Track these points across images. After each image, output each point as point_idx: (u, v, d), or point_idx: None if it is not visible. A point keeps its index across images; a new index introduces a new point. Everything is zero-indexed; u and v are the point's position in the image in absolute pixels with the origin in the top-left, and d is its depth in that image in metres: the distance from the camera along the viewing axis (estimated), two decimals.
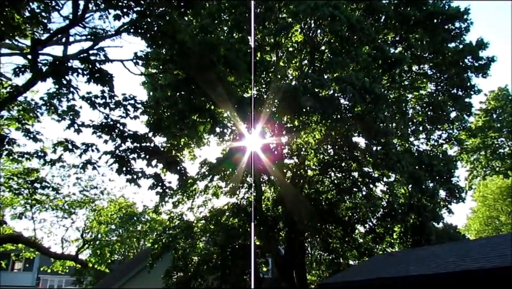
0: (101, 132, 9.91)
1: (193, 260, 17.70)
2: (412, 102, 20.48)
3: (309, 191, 18.57)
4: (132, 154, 9.60)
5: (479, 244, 12.96)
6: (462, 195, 19.56)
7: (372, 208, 17.62)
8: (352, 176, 18.29)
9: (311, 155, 18.72)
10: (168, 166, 9.76)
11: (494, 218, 30.36)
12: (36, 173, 14.84)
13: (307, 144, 18.49)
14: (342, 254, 20.49)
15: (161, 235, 18.35)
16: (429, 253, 13.34)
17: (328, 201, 18.86)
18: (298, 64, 18.93)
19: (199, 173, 19.22)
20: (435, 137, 20.79)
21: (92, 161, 9.55)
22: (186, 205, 19.95)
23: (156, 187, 9.88)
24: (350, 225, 18.92)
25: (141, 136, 9.84)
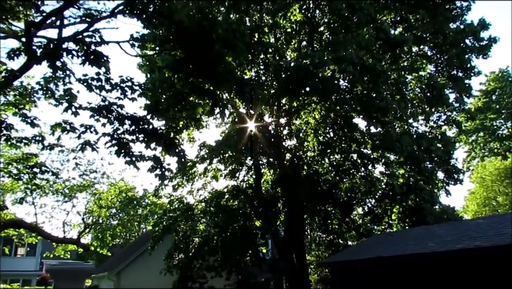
0: (98, 115, 9.87)
1: (194, 241, 17.85)
2: (411, 83, 20.38)
3: (308, 172, 18.61)
4: (131, 136, 9.57)
5: (477, 223, 13.06)
6: (459, 177, 19.66)
7: (371, 189, 17.70)
8: (351, 157, 18.33)
9: (310, 136, 18.72)
10: (167, 148, 9.75)
11: (491, 199, 30.53)
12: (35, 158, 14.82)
13: (306, 125, 18.48)
14: (341, 234, 20.67)
15: (162, 218, 18.47)
16: (427, 232, 13.45)
17: (328, 183, 18.94)
18: (297, 45, 18.78)
19: (198, 155, 19.27)
20: (434, 119, 20.77)
21: (91, 143, 9.51)
22: (186, 188, 20.08)
23: (155, 170, 9.88)
24: (348, 206, 19.05)
25: (139, 118, 9.80)
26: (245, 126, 18.65)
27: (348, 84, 17.14)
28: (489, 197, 29.98)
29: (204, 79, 9.46)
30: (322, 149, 18.46)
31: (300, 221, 19.61)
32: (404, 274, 11.18)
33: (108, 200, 21.23)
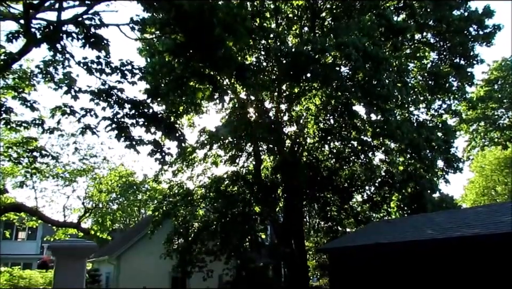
0: (98, 98, 9.81)
1: (194, 226, 17.96)
2: (413, 71, 20.26)
3: (308, 158, 18.63)
4: (131, 120, 9.54)
5: (476, 211, 13.11)
6: (459, 166, 19.68)
7: (371, 176, 17.72)
8: (351, 145, 18.32)
9: (311, 122, 18.68)
10: (167, 132, 9.72)
11: (490, 188, 30.59)
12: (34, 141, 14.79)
13: (307, 111, 18.43)
14: (340, 221, 20.78)
15: (162, 203, 18.55)
16: (425, 219, 13.51)
17: (327, 169, 18.97)
18: (298, 31, 18.64)
19: (198, 141, 19.26)
20: (435, 107, 20.70)
21: (91, 127, 9.48)
22: (186, 173, 20.12)
23: (155, 154, 9.87)
24: (348, 193, 19.10)
25: (139, 102, 9.74)
26: (245, 112, 18.61)
27: (349, 71, 17.05)
28: (488, 186, 30.03)
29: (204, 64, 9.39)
30: (323, 136, 18.44)
31: (299, 207, 19.70)
32: (402, 261, 11.26)
33: (108, 185, 21.27)
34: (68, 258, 2.44)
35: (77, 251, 2.45)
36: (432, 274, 10.22)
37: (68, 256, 2.45)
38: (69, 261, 2.42)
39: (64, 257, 2.45)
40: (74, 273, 2.44)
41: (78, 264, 2.42)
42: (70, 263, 2.42)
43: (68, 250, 2.47)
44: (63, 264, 2.42)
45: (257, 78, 10.74)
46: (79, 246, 2.67)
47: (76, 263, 2.41)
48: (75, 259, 2.42)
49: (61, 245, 2.46)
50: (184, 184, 19.59)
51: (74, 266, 2.42)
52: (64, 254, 2.45)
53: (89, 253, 2.55)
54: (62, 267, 2.43)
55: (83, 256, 2.46)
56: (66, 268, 2.43)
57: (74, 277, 2.42)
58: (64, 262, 2.43)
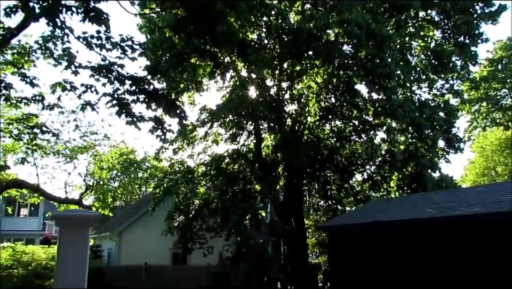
0: (98, 74, 9.73)
1: (194, 203, 18.08)
2: (416, 49, 20.03)
3: (308, 137, 18.61)
4: (131, 97, 9.47)
5: (476, 191, 13.16)
6: (460, 146, 19.66)
7: (372, 154, 17.71)
8: (352, 123, 18.28)
9: (312, 101, 18.58)
10: (168, 109, 9.66)
11: (491, 169, 30.66)
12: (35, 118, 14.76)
13: (308, 89, 18.31)
14: (339, 200, 20.92)
15: (163, 180, 18.63)
16: (425, 198, 13.57)
17: (328, 148, 18.97)
18: (300, 7, 18.34)
19: (199, 119, 19.21)
20: (437, 87, 20.54)
21: (91, 103, 9.42)
22: (187, 152, 20.15)
23: (156, 131, 9.83)
24: (348, 172, 19.15)
25: (139, 78, 9.65)
26: (246, 90, 18.49)
27: (351, 49, 16.87)
28: (489, 167, 30.11)
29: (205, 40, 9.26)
30: (324, 114, 18.38)
31: (299, 185, 19.80)
32: (401, 239, 11.35)
33: (108, 162, 21.34)
34: (71, 227, 2.44)
35: (81, 221, 2.45)
36: (431, 253, 10.33)
37: (72, 225, 2.45)
38: (73, 230, 2.42)
39: (67, 226, 2.45)
40: (78, 242, 2.45)
41: (82, 233, 2.43)
42: (73, 232, 2.42)
43: (71, 219, 2.47)
44: (67, 233, 2.42)
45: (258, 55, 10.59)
46: (83, 215, 2.67)
47: (80, 232, 2.41)
48: (79, 228, 2.42)
49: (65, 214, 2.46)
50: (185, 162, 19.65)
51: (78, 236, 2.42)
52: (68, 223, 2.44)
53: (92, 223, 2.55)
54: (65, 237, 2.43)
55: (87, 225, 2.46)
56: (70, 237, 2.43)
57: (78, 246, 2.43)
58: (67, 231, 2.43)
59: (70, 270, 2.48)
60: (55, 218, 2.49)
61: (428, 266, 10.26)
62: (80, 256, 2.49)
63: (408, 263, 10.85)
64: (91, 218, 2.55)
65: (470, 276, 9.27)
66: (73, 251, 2.48)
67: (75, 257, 2.47)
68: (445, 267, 9.85)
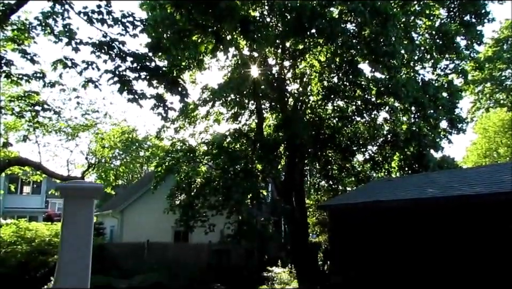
0: (99, 51, 9.63)
1: (196, 182, 18.16)
2: (421, 28, 19.74)
3: (310, 117, 18.54)
4: (133, 74, 9.39)
5: (478, 171, 13.17)
6: (463, 127, 19.59)
7: (374, 134, 17.66)
8: (355, 103, 18.19)
9: (314, 80, 18.44)
10: (169, 86, 9.59)
11: (493, 150, 30.63)
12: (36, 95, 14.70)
13: (311, 68, 18.15)
14: (340, 180, 20.98)
15: (164, 159, 18.67)
16: (427, 179, 13.59)
17: (330, 128, 18.93)
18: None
19: (200, 98, 19.13)
20: (441, 67, 20.32)
21: (93, 80, 9.35)
22: (188, 131, 20.14)
23: (157, 108, 9.79)
24: (350, 152, 19.14)
25: (141, 55, 9.56)
26: (248, 68, 18.34)
27: (355, 28, 16.66)
28: (491, 148, 30.07)
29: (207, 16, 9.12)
30: (326, 94, 18.26)
31: (301, 165, 19.84)
32: (401, 219, 11.41)
33: (110, 141, 21.36)
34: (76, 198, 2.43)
35: (85, 192, 2.44)
36: (432, 233, 10.39)
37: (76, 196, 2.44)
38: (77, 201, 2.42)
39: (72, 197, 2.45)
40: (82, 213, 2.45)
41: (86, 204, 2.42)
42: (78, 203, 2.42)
43: (75, 190, 2.46)
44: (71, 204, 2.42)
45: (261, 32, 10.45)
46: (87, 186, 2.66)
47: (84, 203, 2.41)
48: (83, 199, 2.42)
49: (69, 185, 2.46)
50: (186, 141, 19.67)
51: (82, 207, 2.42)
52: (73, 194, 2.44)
53: (96, 194, 2.54)
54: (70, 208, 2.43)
55: (91, 196, 2.46)
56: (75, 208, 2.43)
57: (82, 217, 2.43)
58: (72, 202, 2.43)
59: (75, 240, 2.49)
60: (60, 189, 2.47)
61: (428, 246, 10.34)
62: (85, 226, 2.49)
63: (408, 243, 10.93)
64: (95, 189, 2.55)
65: (471, 256, 9.35)
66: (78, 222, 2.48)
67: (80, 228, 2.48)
68: (446, 247, 9.93)
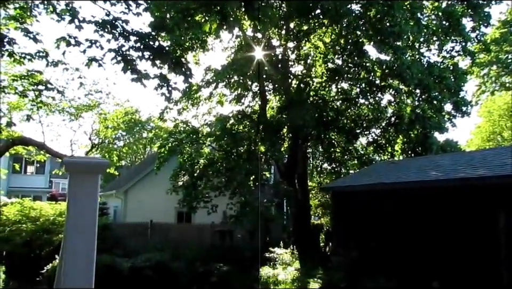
0: (102, 30, 9.54)
1: (199, 163, 18.22)
2: (427, 9, 19.42)
3: (314, 99, 18.45)
4: (136, 53, 9.31)
5: (482, 154, 13.13)
6: (467, 110, 19.46)
7: (378, 116, 17.56)
8: (359, 85, 18.05)
9: (319, 61, 18.28)
10: (173, 66, 9.52)
11: (497, 134, 30.51)
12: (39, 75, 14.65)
13: (315, 49, 17.97)
14: (343, 163, 20.99)
15: (168, 140, 18.69)
16: (430, 161, 13.59)
17: (334, 110, 18.84)
18: None
19: (203, 79, 19.04)
20: (447, 49, 20.08)
21: (96, 59, 9.29)
22: (191, 112, 20.11)
23: (161, 88, 9.73)
24: (353, 134, 19.09)
25: (144, 34, 9.46)
26: (251, 50, 18.19)
27: (360, 8, 16.43)
28: (495, 132, 29.96)
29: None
30: (331, 76, 18.13)
31: (304, 147, 19.84)
32: (404, 201, 11.45)
33: (113, 121, 21.35)
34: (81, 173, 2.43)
35: (91, 167, 2.43)
36: (435, 215, 10.43)
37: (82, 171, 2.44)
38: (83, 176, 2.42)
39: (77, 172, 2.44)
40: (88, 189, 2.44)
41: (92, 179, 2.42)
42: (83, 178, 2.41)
43: (81, 165, 2.45)
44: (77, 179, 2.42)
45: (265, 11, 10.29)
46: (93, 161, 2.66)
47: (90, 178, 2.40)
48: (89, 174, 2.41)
49: (75, 159, 2.45)
50: (189, 123, 19.66)
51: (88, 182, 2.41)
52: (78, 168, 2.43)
53: (102, 169, 2.54)
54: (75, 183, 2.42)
55: (97, 171, 2.45)
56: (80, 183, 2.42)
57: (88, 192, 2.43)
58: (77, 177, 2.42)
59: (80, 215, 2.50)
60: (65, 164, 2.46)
61: (431, 229, 10.39)
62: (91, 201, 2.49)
63: (410, 225, 10.99)
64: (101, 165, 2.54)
65: (473, 238, 9.40)
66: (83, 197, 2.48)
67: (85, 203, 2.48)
68: (449, 230, 9.97)
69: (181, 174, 18.18)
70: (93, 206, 2.45)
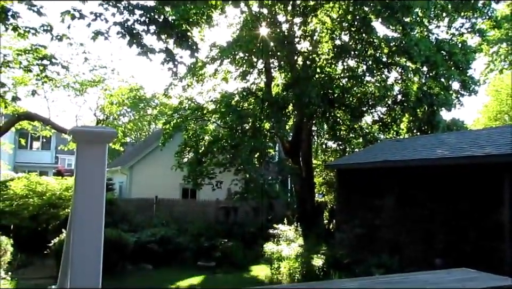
0: (107, 3, 9.44)
1: (204, 139, 18.24)
2: None
3: (320, 76, 18.27)
4: (142, 27, 9.22)
5: (488, 132, 13.03)
6: (474, 88, 19.24)
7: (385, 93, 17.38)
8: (366, 62, 17.83)
9: (325, 37, 18.02)
10: (179, 41, 9.43)
11: (504, 113, 30.22)
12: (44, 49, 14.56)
13: (322, 25, 17.70)
14: (348, 141, 20.94)
15: (173, 116, 18.68)
16: (436, 139, 13.51)
17: (340, 87, 18.68)
18: None
19: (208, 56, 18.87)
20: (456, 26, 19.72)
21: (102, 32, 9.20)
22: (196, 89, 20.02)
23: (167, 63, 9.67)
24: (359, 112, 18.97)
25: (150, 8, 9.35)
26: (257, 26, 17.95)
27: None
28: (502, 111, 29.66)
29: None
30: (337, 52, 17.89)
31: (309, 125, 19.77)
32: (409, 179, 11.43)
33: (118, 97, 21.30)
34: (89, 142, 2.40)
35: (98, 136, 2.40)
36: (439, 193, 10.42)
37: (89, 140, 2.40)
38: (90, 145, 2.38)
39: (85, 142, 2.41)
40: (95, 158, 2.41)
41: (100, 148, 2.39)
42: (91, 148, 2.38)
43: (88, 134, 2.42)
44: (84, 149, 2.39)
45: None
46: (101, 130, 2.62)
47: (98, 147, 2.37)
48: (96, 143, 2.38)
49: (83, 129, 2.42)
50: (194, 100, 19.60)
51: (95, 151, 2.38)
52: (85, 138, 2.40)
53: (110, 138, 2.51)
54: (83, 152, 2.39)
55: (104, 141, 2.42)
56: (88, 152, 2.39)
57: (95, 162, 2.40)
58: (85, 146, 2.39)
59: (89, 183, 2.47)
60: (72, 133, 2.42)
61: (436, 207, 10.40)
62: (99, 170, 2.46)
63: (415, 203, 11.00)
64: (109, 134, 2.50)
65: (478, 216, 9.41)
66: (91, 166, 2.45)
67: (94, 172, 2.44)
68: (454, 208, 9.98)
69: (186, 151, 18.23)
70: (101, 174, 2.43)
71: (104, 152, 2.66)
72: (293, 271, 11.14)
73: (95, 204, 2.59)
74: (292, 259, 11.37)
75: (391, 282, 3.38)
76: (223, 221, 18.16)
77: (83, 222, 2.56)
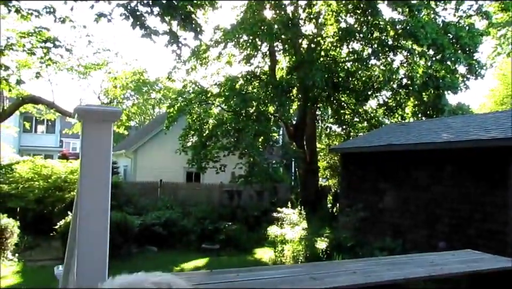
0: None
1: (208, 123, 18.23)
2: None
3: (325, 60, 18.11)
4: (145, 8, 9.13)
5: (494, 116, 12.91)
6: (481, 72, 19.00)
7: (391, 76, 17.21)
8: (371, 45, 17.63)
9: (330, 20, 17.80)
10: (183, 22, 9.33)
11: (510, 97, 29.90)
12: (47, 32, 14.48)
13: (328, 6, 17.47)
14: (352, 125, 20.86)
15: (176, 100, 18.64)
16: (441, 123, 13.41)
17: (344, 71, 18.52)
18: None
19: (212, 39, 18.71)
20: (464, 8, 19.40)
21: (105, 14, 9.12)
22: (200, 73, 19.92)
23: (171, 45, 9.60)
24: (364, 96, 18.83)
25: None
26: (261, 8, 17.74)
27: None
28: (509, 95, 29.37)
29: None
30: (342, 35, 17.68)
31: (313, 109, 19.69)
32: (414, 163, 11.40)
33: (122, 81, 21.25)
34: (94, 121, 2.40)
35: (103, 115, 2.40)
36: (444, 177, 10.39)
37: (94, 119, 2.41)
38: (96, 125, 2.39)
39: (90, 121, 2.41)
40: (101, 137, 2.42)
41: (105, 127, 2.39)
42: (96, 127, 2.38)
43: (94, 113, 2.42)
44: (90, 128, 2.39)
45: None
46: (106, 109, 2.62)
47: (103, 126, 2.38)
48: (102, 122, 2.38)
49: (88, 107, 2.42)
50: (198, 83, 19.52)
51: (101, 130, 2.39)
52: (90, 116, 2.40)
53: (115, 117, 2.51)
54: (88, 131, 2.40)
55: (110, 120, 2.42)
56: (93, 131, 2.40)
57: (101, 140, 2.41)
58: (90, 125, 2.39)
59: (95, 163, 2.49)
60: (77, 111, 2.43)
61: (440, 190, 10.39)
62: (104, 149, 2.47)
63: (419, 187, 10.99)
64: (114, 112, 2.50)
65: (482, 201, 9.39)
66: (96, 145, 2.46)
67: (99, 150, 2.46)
68: (459, 192, 9.97)
69: (190, 134, 18.24)
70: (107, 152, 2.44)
71: (109, 130, 2.65)
72: (297, 253, 11.23)
73: (101, 180, 2.60)
74: (295, 242, 11.45)
75: (395, 263, 3.39)
76: (227, 204, 18.26)
77: (90, 197, 2.57)
